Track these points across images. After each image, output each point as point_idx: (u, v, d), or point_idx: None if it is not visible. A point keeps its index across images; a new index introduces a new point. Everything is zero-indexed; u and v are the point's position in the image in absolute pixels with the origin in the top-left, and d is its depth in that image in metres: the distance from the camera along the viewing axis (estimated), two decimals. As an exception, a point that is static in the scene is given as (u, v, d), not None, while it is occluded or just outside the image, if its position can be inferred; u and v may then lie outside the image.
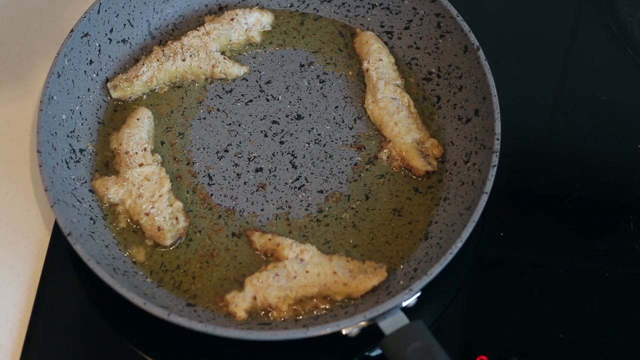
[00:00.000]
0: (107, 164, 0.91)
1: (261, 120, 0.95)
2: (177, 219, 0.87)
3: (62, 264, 0.87)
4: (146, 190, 0.87)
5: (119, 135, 0.91)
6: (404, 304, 0.79)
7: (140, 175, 0.88)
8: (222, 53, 0.98)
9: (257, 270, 0.84)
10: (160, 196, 0.87)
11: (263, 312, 0.82)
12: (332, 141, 0.94)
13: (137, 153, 0.89)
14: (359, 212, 0.89)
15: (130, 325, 0.84)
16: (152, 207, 0.86)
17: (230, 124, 0.95)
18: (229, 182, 0.91)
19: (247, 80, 0.98)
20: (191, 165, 0.92)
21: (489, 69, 0.91)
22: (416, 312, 0.80)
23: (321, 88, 0.97)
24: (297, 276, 0.82)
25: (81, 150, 0.90)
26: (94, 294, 0.85)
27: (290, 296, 0.82)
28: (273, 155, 0.93)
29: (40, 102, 0.87)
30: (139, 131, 0.91)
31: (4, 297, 0.85)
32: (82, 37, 0.92)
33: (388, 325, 0.77)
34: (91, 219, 0.86)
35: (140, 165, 0.88)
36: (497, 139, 0.87)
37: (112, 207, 0.88)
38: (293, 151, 0.93)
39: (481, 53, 0.92)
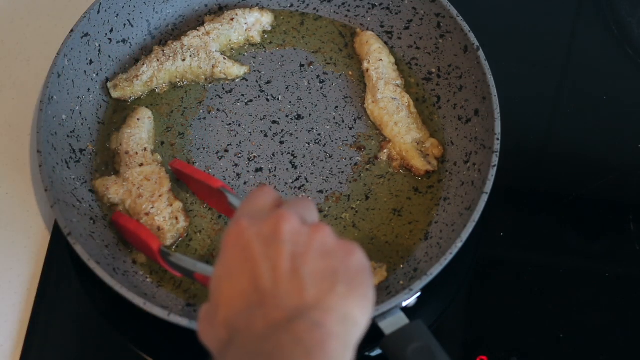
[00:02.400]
0: (107, 163, 0.91)
1: (261, 120, 0.95)
2: (177, 218, 0.87)
3: (62, 264, 0.87)
4: (146, 190, 0.87)
5: (119, 135, 0.91)
6: (404, 304, 0.79)
7: (140, 175, 0.88)
8: (222, 53, 0.98)
9: (257, 270, 0.84)
10: (160, 196, 0.87)
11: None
12: (332, 141, 0.94)
13: (137, 153, 0.89)
14: (359, 212, 0.89)
15: (130, 325, 0.84)
16: (152, 207, 0.86)
17: (230, 124, 0.95)
18: (229, 182, 0.91)
19: (247, 80, 0.98)
20: (191, 165, 0.92)
21: (489, 69, 0.91)
22: (416, 312, 0.80)
23: (321, 88, 0.97)
24: (297, 276, 0.82)
25: (81, 150, 0.90)
26: (94, 294, 0.85)
27: (290, 296, 0.82)
28: (273, 155, 0.93)
29: (40, 102, 0.87)
30: (140, 131, 0.91)
31: (4, 297, 0.85)
32: (82, 37, 0.92)
33: (388, 325, 0.77)
34: (91, 219, 0.86)
35: (141, 165, 0.88)
36: (497, 139, 0.87)
37: (113, 207, 0.88)
38: (293, 151, 0.93)
39: (481, 53, 0.92)
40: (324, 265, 0.62)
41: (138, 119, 0.92)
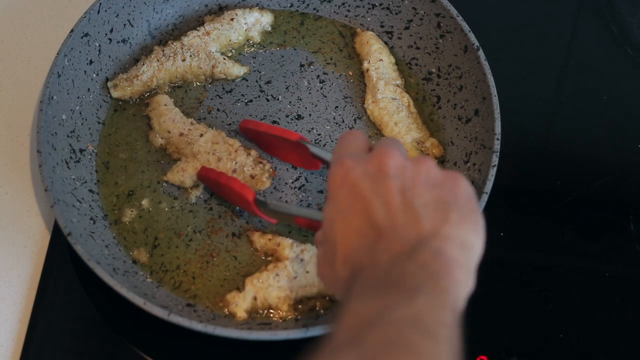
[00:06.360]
0: (107, 163, 0.91)
1: (261, 120, 0.95)
2: (261, 162, 0.88)
3: (62, 264, 0.86)
4: (221, 151, 0.88)
5: (159, 127, 0.91)
6: (404, 304, 0.79)
7: (207, 142, 0.89)
8: (222, 53, 0.98)
9: (258, 271, 0.84)
10: (236, 151, 0.88)
11: (263, 312, 0.82)
12: (332, 141, 0.94)
13: (190, 129, 0.90)
14: (359, 212, 0.89)
15: (130, 325, 0.84)
16: (236, 162, 0.87)
17: (230, 124, 0.95)
18: (229, 182, 0.91)
19: (247, 80, 0.98)
20: (191, 165, 0.92)
21: (489, 69, 0.91)
22: (416, 312, 0.80)
23: (321, 88, 0.97)
24: (297, 276, 0.82)
25: (81, 150, 0.90)
26: (94, 294, 0.85)
27: (290, 296, 0.82)
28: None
29: (40, 102, 0.87)
30: (176, 113, 0.92)
31: (4, 297, 0.85)
32: (82, 37, 0.92)
33: (388, 325, 0.77)
34: (91, 219, 0.86)
35: (201, 135, 0.89)
36: (497, 139, 0.87)
37: (196, 186, 0.88)
38: (293, 151, 0.93)
39: (481, 53, 0.92)
40: (434, 196, 0.63)
41: (165, 105, 0.92)
